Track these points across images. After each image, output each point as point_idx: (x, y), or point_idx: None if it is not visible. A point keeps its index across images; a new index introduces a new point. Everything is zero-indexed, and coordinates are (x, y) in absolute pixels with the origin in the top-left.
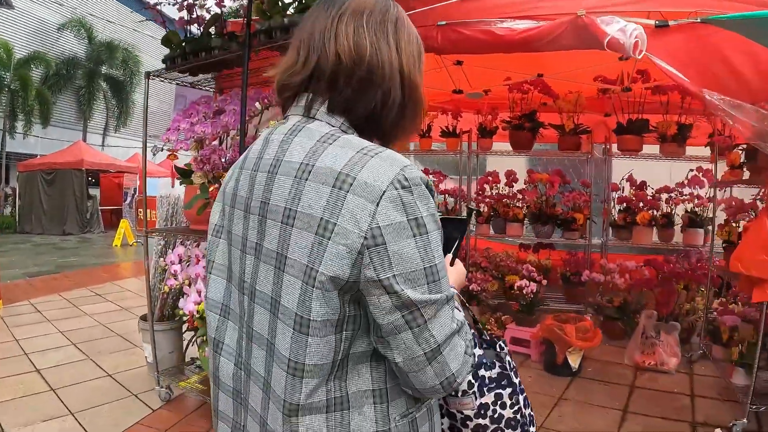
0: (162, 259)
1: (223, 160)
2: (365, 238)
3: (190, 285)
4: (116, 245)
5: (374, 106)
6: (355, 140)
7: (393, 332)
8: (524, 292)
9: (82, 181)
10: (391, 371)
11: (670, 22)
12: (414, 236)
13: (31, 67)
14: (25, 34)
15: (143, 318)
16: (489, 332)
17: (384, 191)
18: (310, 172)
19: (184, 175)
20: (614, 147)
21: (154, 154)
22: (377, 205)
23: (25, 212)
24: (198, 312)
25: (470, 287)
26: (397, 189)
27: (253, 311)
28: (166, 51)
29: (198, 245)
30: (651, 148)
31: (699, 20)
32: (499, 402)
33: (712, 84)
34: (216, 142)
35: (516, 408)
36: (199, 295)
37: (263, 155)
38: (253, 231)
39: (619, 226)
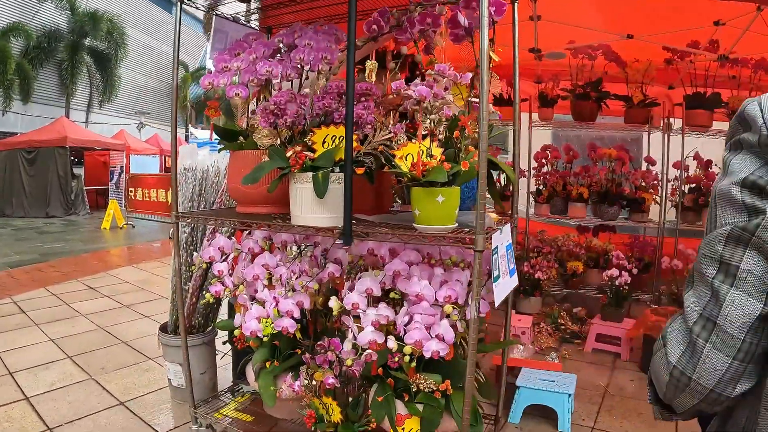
0: (196, 253)
1: (303, 110)
2: None
3: (243, 291)
4: (105, 228)
5: None
6: None
7: None
8: (616, 282)
9: (66, 160)
10: None
11: None
12: None
13: (10, 39)
14: (2, 3)
15: (163, 329)
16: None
17: None
18: None
19: (227, 137)
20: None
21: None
22: None
23: (5, 194)
24: (262, 331)
25: (535, 275)
26: None
27: None
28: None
29: (251, 234)
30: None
31: None
32: None
33: None
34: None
35: None
36: (263, 307)
37: None
38: None
39: (687, 207)
